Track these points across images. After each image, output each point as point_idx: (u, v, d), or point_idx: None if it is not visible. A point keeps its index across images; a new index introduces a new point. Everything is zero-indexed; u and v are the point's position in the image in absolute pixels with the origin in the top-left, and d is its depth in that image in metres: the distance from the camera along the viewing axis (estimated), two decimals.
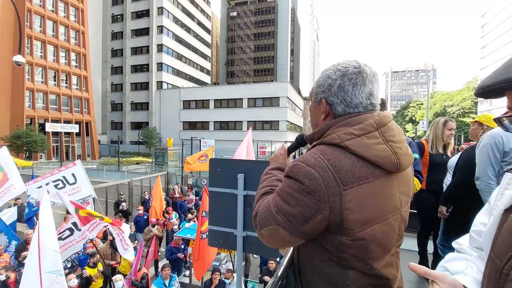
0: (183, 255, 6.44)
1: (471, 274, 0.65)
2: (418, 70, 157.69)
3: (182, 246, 6.56)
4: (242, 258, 2.62)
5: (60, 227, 4.44)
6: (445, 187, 2.71)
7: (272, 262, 5.59)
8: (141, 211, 8.34)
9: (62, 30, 30.85)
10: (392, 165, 0.84)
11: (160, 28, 40.31)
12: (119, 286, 4.84)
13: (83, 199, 5.69)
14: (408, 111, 74.42)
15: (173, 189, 11.14)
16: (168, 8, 41.17)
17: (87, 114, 33.60)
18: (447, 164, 2.79)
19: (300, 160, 0.82)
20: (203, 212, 4.95)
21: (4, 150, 5.03)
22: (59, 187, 5.63)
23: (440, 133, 2.82)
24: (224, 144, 31.04)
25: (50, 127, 28.48)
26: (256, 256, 7.19)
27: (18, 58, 8.43)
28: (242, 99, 36.69)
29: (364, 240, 0.82)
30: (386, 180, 0.85)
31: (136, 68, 41.88)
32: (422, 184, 2.86)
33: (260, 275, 6.31)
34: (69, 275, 4.74)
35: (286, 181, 0.84)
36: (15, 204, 7.70)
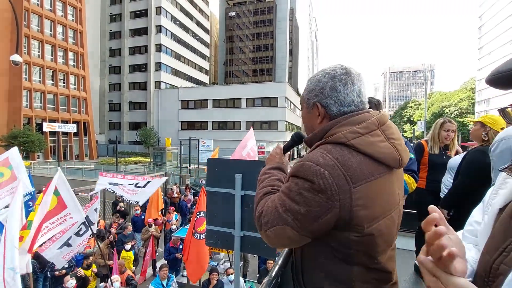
0: (181, 255, 6.41)
1: (471, 254, 0.65)
2: (416, 71, 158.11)
3: (181, 246, 6.53)
4: (240, 258, 2.61)
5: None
6: (443, 187, 2.69)
7: (271, 262, 5.58)
8: (138, 211, 8.32)
9: (60, 29, 30.71)
10: (395, 161, 0.88)
11: (159, 28, 40.22)
12: (117, 286, 4.82)
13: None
14: (406, 112, 74.68)
15: (171, 189, 11.13)
16: (166, 7, 41.09)
17: (85, 113, 33.45)
18: (447, 164, 2.78)
19: (307, 160, 0.83)
20: (201, 212, 4.93)
21: (15, 150, 5.10)
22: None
23: (437, 134, 2.83)
24: (222, 144, 31.01)
25: (47, 127, 28.36)
26: (255, 256, 7.19)
27: (16, 57, 8.37)
28: (240, 99, 36.68)
29: (372, 235, 0.84)
30: (388, 176, 0.88)
31: (134, 68, 41.77)
32: (422, 184, 2.87)
33: (258, 275, 6.31)
34: (65, 276, 4.73)
35: (294, 180, 0.84)
36: None
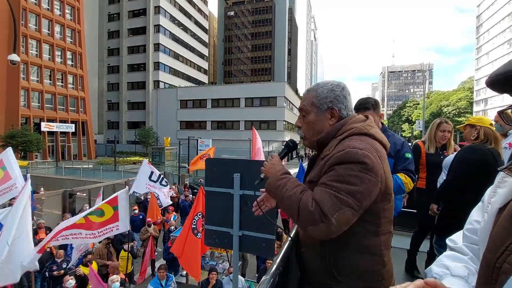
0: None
1: (472, 281, 0.64)
2: (415, 70, 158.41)
3: None
4: (238, 257, 2.61)
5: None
6: (439, 185, 2.73)
7: (270, 261, 5.58)
8: (136, 210, 8.30)
9: (57, 28, 30.54)
10: (388, 147, 1.12)
11: (157, 27, 40.10)
12: (116, 286, 4.81)
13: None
14: (405, 111, 74.91)
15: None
16: (165, 7, 40.97)
17: (83, 113, 33.33)
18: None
19: (350, 147, 0.98)
20: (201, 213, 4.90)
21: (9, 150, 5.06)
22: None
23: (433, 134, 2.86)
24: (221, 144, 31.00)
25: (45, 127, 28.22)
26: (254, 255, 7.19)
27: (13, 57, 8.32)
28: (239, 98, 36.65)
29: (392, 202, 1.06)
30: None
31: (133, 67, 41.64)
32: (422, 184, 2.90)
33: (257, 275, 6.31)
34: (65, 276, 4.71)
35: (342, 167, 0.96)
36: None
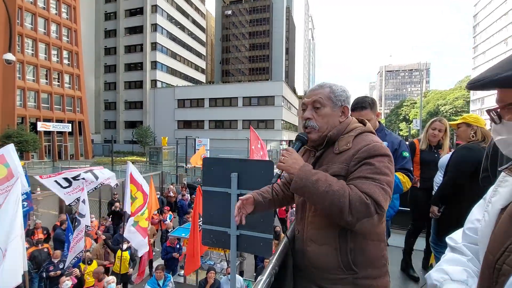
0: (178, 255, 6.40)
1: (472, 284, 0.64)
2: (412, 70, 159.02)
3: (178, 246, 6.53)
4: (236, 257, 2.61)
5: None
6: (435, 185, 2.72)
7: (268, 260, 5.58)
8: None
9: (54, 27, 30.29)
10: None
11: (154, 26, 39.90)
12: (112, 287, 4.78)
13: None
14: (402, 110, 75.19)
15: (167, 188, 11.08)
16: (162, 6, 40.78)
17: (80, 113, 33.11)
18: (438, 162, 2.81)
19: (373, 142, 1.09)
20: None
21: (11, 147, 4.89)
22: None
23: (425, 131, 2.89)
24: (219, 143, 30.97)
25: (42, 126, 28.01)
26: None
27: (8, 56, 8.24)
28: (237, 98, 36.60)
29: None
30: None
31: (130, 67, 41.42)
32: (415, 183, 2.89)
33: (255, 274, 6.32)
34: (61, 277, 4.67)
35: (376, 159, 1.03)
36: None
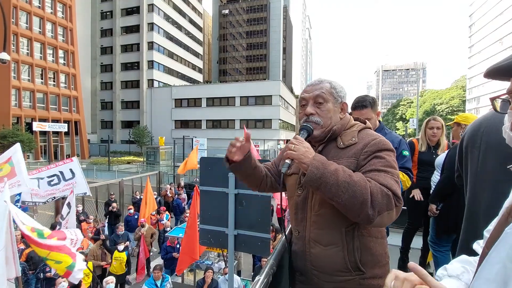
0: (178, 255, 6.36)
1: (465, 279, 0.65)
2: (409, 69, 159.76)
3: (178, 246, 6.49)
4: (233, 256, 2.61)
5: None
6: (432, 184, 2.74)
7: (265, 259, 5.58)
8: (131, 210, 8.25)
9: (49, 26, 30.01)
10: None
11: (151, 26, 39.68)
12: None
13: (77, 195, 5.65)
14: (399, 109, 75.55)
15: (165, 188, 11.06)
16: (158, 5, 40.57)
17: (76, 113, 32.87)
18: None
19: (378, 137, 1.12)
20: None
21: (17, 146, 4.95)
22: (53, 183, 5.57)
23: (424, 132, 2.91)
24: (216, 143, 30.91)
25: (37, 126, 27.71)
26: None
27: (3, 55, 8.17)
28: (234, 97, 36.54)
29: None
30: None
31: (127, 66, 41.15)
32: (411, 181, 2.90)
33: (253, 273, 6.32)
34: (58, 278, 4.63)
35: (385, 153, 1.07)
36: None
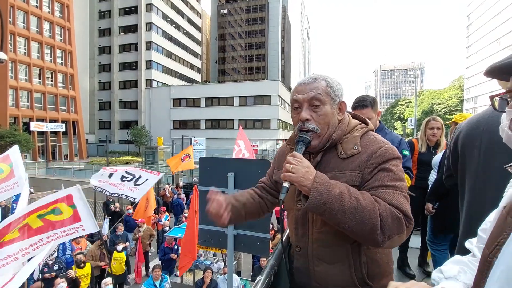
0: (176, 256, 6.35)
1: (463, 279, 0.65)
2: (407, 69, 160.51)
3: (176, 247, 6.48)
4: (233, 256, 2.60)
5: None
6: (429, 184, 2.75)
7: (264, 259, 5.58)
8: (130, 210, 8.23)
9: (46, 26, 29.86)
10: None
11: (149, 25, 39.59)
12: None
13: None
14: (397, 109, 75.78)
15: (163, 188, 11.04)
16: (157, 4, 40.47)
17: (74, 112, 32.73)
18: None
19: (384, 144, 1.01)
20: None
21: (16, 148, 5.01)
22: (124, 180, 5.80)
23: (423, 132, 2.90)
24: (215, 143, 30.90)
25: (35, 127, 27.64)
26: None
27: (0, 55, 8.11)
28: (233, 97, 36.53)
29: None
30: None
31: (125, 66, 41.03)
32: (411, 181, 2.92)
33: (252, 273, 6.32)
34: (56, 279, 4.61)
35: (392, 163, 0.97)
36: None
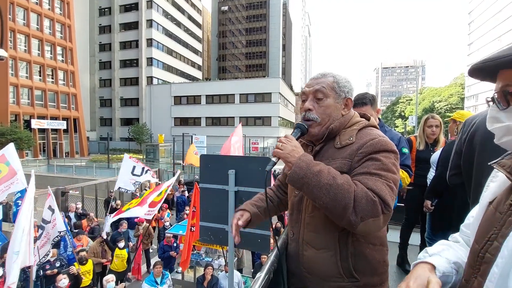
0: (175, 253, 6.37)
1: (446, 255, 0.69)
2: (408, 66, 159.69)
3: (175, 244, 6.50)
4: (233, 254, 2.61)
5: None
6: (428, 181, 2.77)
7: (265, 256, 5.60)
8: None
9: (47, 23, 29.80)
10: None
11: (150, 22, 39.44)
12: (112, 286, 4.74)
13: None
14: (398, 107, 75.51)
15: None
16: (157, 1, 40.27)
17: (74, 110, 32.75)
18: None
19: (379, 136, 1.01)
20: (194, 207, 4.92)
21: (11, 146, 5.08)
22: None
23: (422, 130, 2.91)
24: (216, 140, 30.88)
25: (36, 124, 27.68)
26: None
27: (1, 52, 8.09)
28: (234, 94, 36.49)
29: None
30: None
31: (125, 63, 40.97)
32: (410, 178, 2.92)
33: (253, 270, 6.35)
34: (58, 275, 4.64)
35: (382, 155, 0.96)
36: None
